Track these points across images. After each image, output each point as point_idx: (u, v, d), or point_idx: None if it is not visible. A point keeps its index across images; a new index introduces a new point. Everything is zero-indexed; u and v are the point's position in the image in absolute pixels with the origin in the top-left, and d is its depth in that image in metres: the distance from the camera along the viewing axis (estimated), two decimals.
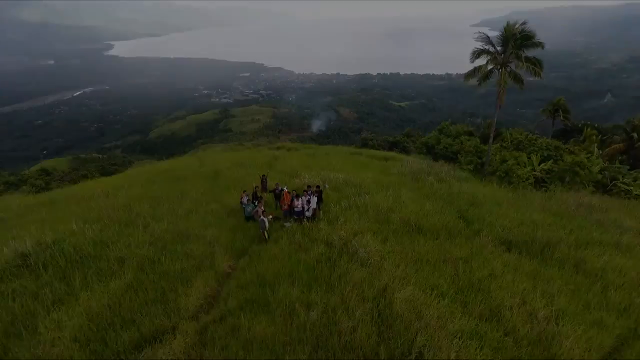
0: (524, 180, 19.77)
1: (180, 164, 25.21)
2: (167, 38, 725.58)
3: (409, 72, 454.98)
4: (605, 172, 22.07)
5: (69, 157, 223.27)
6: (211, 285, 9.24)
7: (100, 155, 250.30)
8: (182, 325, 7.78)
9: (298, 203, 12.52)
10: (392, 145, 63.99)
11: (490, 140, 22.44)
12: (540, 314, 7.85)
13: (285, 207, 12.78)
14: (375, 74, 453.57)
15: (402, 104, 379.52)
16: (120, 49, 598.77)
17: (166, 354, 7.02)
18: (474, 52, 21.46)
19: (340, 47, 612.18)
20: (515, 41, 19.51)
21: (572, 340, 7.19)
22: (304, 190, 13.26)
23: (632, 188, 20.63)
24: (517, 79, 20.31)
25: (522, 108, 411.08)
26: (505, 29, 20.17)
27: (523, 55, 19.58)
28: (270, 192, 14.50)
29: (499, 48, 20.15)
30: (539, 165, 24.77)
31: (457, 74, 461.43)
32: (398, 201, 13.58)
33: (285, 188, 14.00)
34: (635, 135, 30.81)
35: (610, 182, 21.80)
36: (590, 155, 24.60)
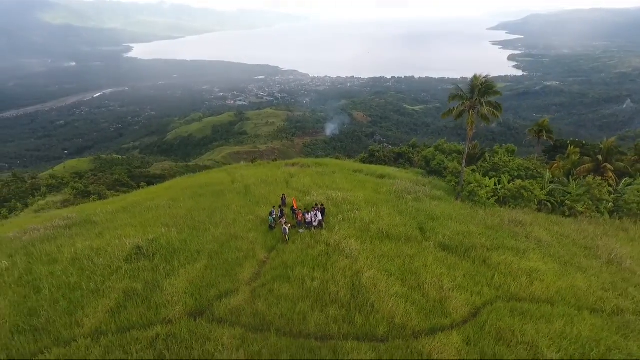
0: (487, 199, 25.25)
1: (215, 178, 31.58)
2: (185, 41, 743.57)
3: (424, 76, 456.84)
4: (554, 192, 27.39)
5: (91, 158, 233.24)
6: (255, 267, 15.38)
7: (120, 156, 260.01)
8: (241, 288, 13.94)
9: (308, 216, 18.60)
10: (398, 156, 69.30)
11: (463, 164, 28.01)
12: (445, 287, 13.75)
13: (299, 219, 18.86)
14: (389, 77, 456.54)
15: (416, 108, 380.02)
16: (139, 51, 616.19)
17: (235, 302, 13.14)
18: (450, 95, 27.23)
19: (355, 49, 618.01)
20: (480, 90, 25.17)
21: (456, 300, 13.08)
22: (312, 207, 19.40)
23: (576, 205, 25.96)
24: (484, 117, 25.91)
25: (539, 113, 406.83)
26: (472, 79, 25.86)
27: (484, 101, 25.21)
28: (290, 208, 20.49)
29: (468, 94, 25.79)
30: (508, 183, 30.25)
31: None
32: (378, 216, 19.58)
33: (295, 207, 20.15)
34: (600, 157, 35.94)
35: (560, 200, 27.14)
36: (538, 179, 29.86)
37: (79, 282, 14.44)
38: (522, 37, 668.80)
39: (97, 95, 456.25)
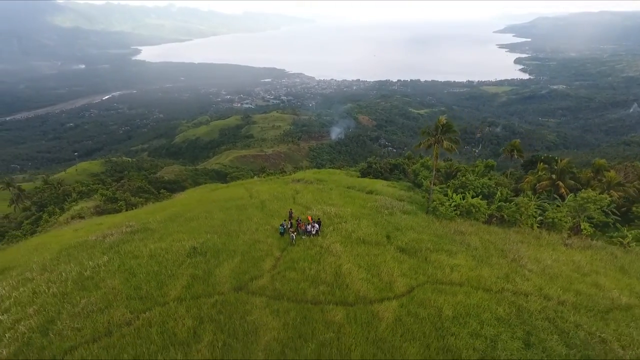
0: (450, 212, 33.07)
1: (236, 193, 39.89)
2: (192, 43, 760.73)
3: (429, 79, 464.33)
4: (502, 207, 35.12)
5: (102, 160, 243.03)
6: (272, 261, 23.56)
7: (130, 159, 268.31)
8: (265, 274, 22.13)
9: (309, 227, 26.73)
10: (394, 167, 76.99)
11: (431, 184, 35.93)
12: (394, 274, 21.82)
13: (302, 228, 26.98)
14: (395, 80, 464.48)
15: (422, 112, 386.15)
16: (147, 54, 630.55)
17: (261, 282, 21.28)
18: (421, 132, 35.28)
19: (361, 52, 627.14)
20: (442, 129, 33.14)
21: (400, 282, 21.14)
22: (309, 219, 27.56)
23: (517, 217, 33.75)
24: (447, 149, 33.84)
25: (544, 117, 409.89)
26: (437, 120, 33.83)
27: (445, 137, 33.18)
28: (296, 220, 28.63)
29: (433, 132, 33.77)
30: (472, 199, 38.09)
31: (478, 81, 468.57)
32: (359, 226, 27.72)
33: (300, 218, 28.28)
34: (553, 176, 43.72)
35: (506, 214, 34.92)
36: (496, 194, 37.68)
37: (159, 270, 22.70)
38: (529, 40, 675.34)
39: (106, 97, 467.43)
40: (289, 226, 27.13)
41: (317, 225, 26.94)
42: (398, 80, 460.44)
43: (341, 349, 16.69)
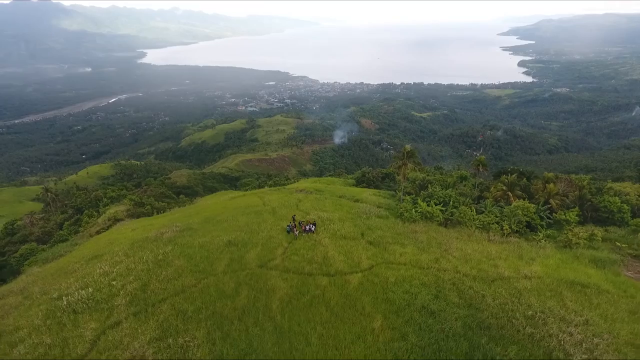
0: (412, 217, 45.07)
1: (252, 201, 52.36)
2: (197, 46, 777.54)
3: (432, 82, 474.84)
4: (454, 213, 47.11)
5: (111, 164, 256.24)
6: (282, 250, 36.03)
7: (138, 162, 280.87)
8: (277, 257, 34.60)
9: (307, 227, 39.09)
10: (385, 176, 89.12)
11: (401, 194, 47.97)
12: (362, 257, 34.16)
13: (302, 228, 39.29)
14: (398, 83, 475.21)
15: (424, 115, 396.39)
16: (153, 57, 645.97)
17: (275, 262, 33.67)
18: (393, 157, 47.48)
19: (365, 55, 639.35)
20: (407, 154, 45.34)
21: (365, 262, 33.48)
22: (308, 222, 39.96)
23: (469, 221, 45.75)
24: (411, 170, 46.00)
25: (547, 120, 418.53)
26: (403, 148, 46.01)
27: (410, 161, 45.35)
28: (298, 223, 40.94)
29: (401, 156, 45.94)
30: (435, 206, 50.22)
31: (482, 84, 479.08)
32: (342, 227, 40.08)
33: (302, 221, 40.66)
34: (504, 187, 55.80)
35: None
36: (452, 202, 49.75)
37: (208, 255, 35.15)
38: (533, 42, 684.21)
39: (112, 100, 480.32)
40: (293, 226, 39.49)
41: (313, 226, 39.29)
42: (401, 83, 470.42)
43: (325, 299, 29.02)
